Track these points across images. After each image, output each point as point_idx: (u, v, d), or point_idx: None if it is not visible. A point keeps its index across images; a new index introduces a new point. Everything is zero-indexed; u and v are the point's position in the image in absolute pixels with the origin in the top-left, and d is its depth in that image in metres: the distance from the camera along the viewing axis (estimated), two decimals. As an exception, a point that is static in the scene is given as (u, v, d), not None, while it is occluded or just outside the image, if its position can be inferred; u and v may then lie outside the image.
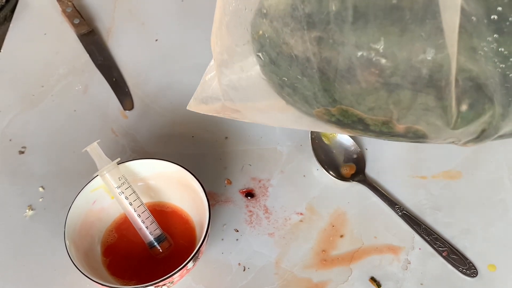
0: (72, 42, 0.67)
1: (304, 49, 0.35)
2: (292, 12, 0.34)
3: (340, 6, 0.32)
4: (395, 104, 0.36)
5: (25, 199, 0.53)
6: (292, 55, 0.36)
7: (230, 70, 0.41)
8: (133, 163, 0.48)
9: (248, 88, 0.40)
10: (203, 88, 0.44)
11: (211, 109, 0.44)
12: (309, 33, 0.34)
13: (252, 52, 0.38)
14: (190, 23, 0.69)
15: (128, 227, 0.48)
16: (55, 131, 0.58)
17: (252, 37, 0.38)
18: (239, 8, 0.38)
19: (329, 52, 0.34)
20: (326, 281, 0.47)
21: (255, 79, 0.40)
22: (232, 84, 0.41)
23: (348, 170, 0.54)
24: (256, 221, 0.51)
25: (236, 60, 0.40)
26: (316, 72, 0.36)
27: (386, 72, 0.34)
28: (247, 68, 0.40)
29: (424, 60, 0.32)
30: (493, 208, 0.51)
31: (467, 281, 0.46)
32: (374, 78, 0.34)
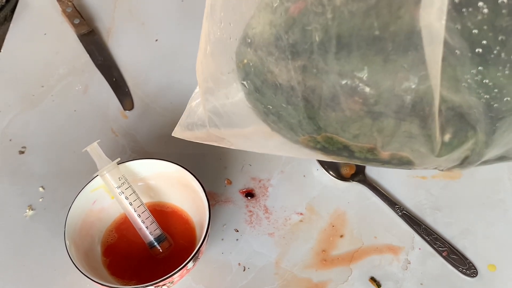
0: (72, 42, 0.67)
1: (289, 77, 0.35)
2: (276, 41, 0.35)
3: (323, 37, 0.33)
4: (379, 132, 0.36)
5: (25, 199, 0.53)
6: (277, 84, 0.36)
7: (215, 97, 0.41)
8: (133, 163, 0.48)
9: (233, 114, 0.41)
10: (188, 114, 0.45)
11: (196, 136, 0.44)
12: (293, 62, 0.35)
13: (237, 80, 0.39)
14: (190, 23, 0.69)
15: (128, 227, 0.48)
16: (55, 131, 0.58)
17: (237, 66, 0.39)
18: (224, 37, 0.38)
19: (313, 81, 0.35)
20: (326, 281, 0.47)
21: (240, 106, 0.40)
22: (217, 110, 0.41)
23: (348, 170, 0.54)
24: (256, 221, 0.51)
25: (221, 88, 0.40)
26: (301, 101, 0.36)
27: (369, 100, 0.34)
28: (232, 95, 0.40)
29: (407, 90, 0.33)
30: (493, 208, 0.51)
31: (467, 281, 0.46)
32: (358, 106, 0.35)
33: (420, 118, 0.34)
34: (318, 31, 0.33)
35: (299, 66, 0.34)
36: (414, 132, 0.35)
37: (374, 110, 0.34)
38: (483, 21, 0.29)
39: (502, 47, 0.30)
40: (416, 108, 0.34)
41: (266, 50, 0.36)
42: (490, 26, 0.29)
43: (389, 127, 0.36)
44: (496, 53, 0.30)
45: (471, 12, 0.29)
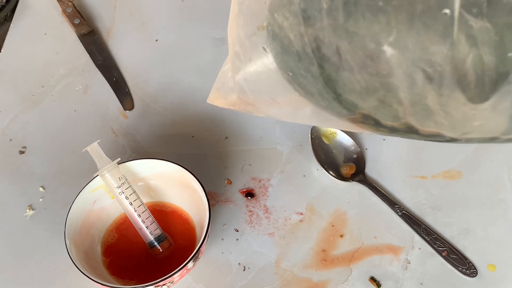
0: (72, 42, 0.67)
1: (303, 44, 0.34)
2: (289, 6, 0.34)
3: (330, 4, 0.32)
4: (398, 103, 0.34)
5: (25, 199, 0.53)
6: (294, 50, 0.35)
7: (241, 62, 0.40)
8: (133, 163, 0.48)
9: (259, 80, 0.39)
10: (220, 79, 0.43)
11: (228, 102, 0.43)
12: (306, 28, 0.34)
13: (260, 44, 0.38)
14: (190, 23, 0.69)
15: (128, 227, 0.48)
16: (56, 131, 0.58)
17: (258, 29, 0.37)
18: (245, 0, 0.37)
19: (327, 48, 0.34)
20: (326, 281, 0.47)
21: (265, 72, 0.39)
22: (245, 76, 0.40)
23: (348, 170, 0.54)
24: (256, 221, 0.51)
25: (246, 52, 0.39)
26: (317, 68, 0.35)
27: (384, 70, 0.33)
28: (256, 60, 0.39)
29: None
30: (493, 208, 0.51)
31: (467, 281, 0.46)
32: (374, 77, 0.33)
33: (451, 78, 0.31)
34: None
35: (312, 33, 0.33)
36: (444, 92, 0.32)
37: (389, 81, 0.33)
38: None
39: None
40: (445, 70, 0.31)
41: (282, 14, 0.34)
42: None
43: (408, 95, 0.33)
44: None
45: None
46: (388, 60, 0.32)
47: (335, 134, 0.55)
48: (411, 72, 0.32)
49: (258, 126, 0.58)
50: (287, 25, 0.35)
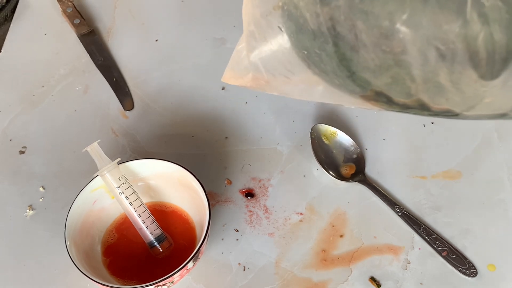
0: (72, 42, 0.67)
1: (319, 23, 0.35)
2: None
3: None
4: (412, 79, 0.35)
5: (25, 199, 0.53)
6: (309, 29, 0.36)
7: (257, 42, 0.40)
8: (133, 163, 0.48)
9: (275, 59, 0.40)
10: (234, 58, 0.44)
11: (242, 81, 0.43)
12: (322, 7, 0.34)
13: (275, 24, 0.38)
14: (190, 23, 0.69)
15: (128, 227, 0.48)
16: (56, 131, 0.58)
17: (273, 8, 0.38)
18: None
19: (342, 27, 0.34)
20: (326, 281, 0.47)
21: (281, 50, 0.39)
22: (260, 55, 0.40)
23: (348, 170, 0.54)
24: (256, 221, 0.51)
25: (262, 31, 0.39)
26: (332, 46, 0.36)
27: (398, 48, 0.33)
28: (272, 39, 0.39)
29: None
30: (493, 208, 0.51)
31: (466, 281, 0.46)
32: (388, 54, 0.34)
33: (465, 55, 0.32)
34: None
35: (327, 12, 0.34)
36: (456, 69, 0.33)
37: (402, 58, 0.34)
38: None
39: None
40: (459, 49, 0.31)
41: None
42: None
43: (421, 73, 0.34)
44: None
45: None
46: (402, 38, 0.32)
47: (335, 134, 0.55)
48: (425, 49, 0.32)
49: (258, 126, 0.58)
50: (303, 4, 0.35)
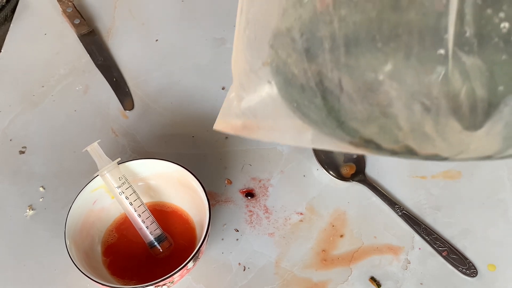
0: (72, 42, 0.67)
1: (307, 79, 0.36)
2: (292, 44, 0.36)
3: (332, 45, 0.34)
4: (398, 128, 0.37)
5: (25, 199, 0.53)
6: (298, 84, 0.37)
7: (247, 93, 0.42)
8: (133, 163, 0.48)
9: (263, 109, 0.41)
10: (225, 107, 0.45)
11: (233, 129, 0.45)
12: (309, 65, 0.36)
13: (265, 78, 0.40)
14: (190, 23, 0.69)
15: (128, 227, 0.48)
16: (56, 131, 0.58)
17: (263, 64, 0.40)
18: (251, 36, 0.39)
19: (329, 83, 0.36)
20: (326, 281, 0.47)
21: (270, 102, 0.41)
22: (249, 105, 0.42)
23: (348, 170, 0.54)
24: (256, 221, 0.51)
25: (251, 84, 0.41)
26: (321, 100, 0.37)
27: (385, 100, 0.35)
28: (262, 91, 0.41)
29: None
30: (493, 208, 0.51)
31: (467, 281, 0.46)
32: (375, 107, 0.36)
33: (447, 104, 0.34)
34: (328, 39, 0.34)
35: (315, 69, 0.36)
36: (441, 120, 0.35)
37: (389, 110, 0.35)
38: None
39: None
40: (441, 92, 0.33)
41: (285, 51, 0.37)
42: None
43: (408, 123, 0.36)
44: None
45: None
46: (388, 93, 0.34)
47: (335, 134, 0.55)
48: (410, 103, 0.34)
49: (258, 126, 0.58)
50: (291, 61, 0.37)
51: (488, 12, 0.30)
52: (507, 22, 0.30)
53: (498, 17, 0.30)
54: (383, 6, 0.31)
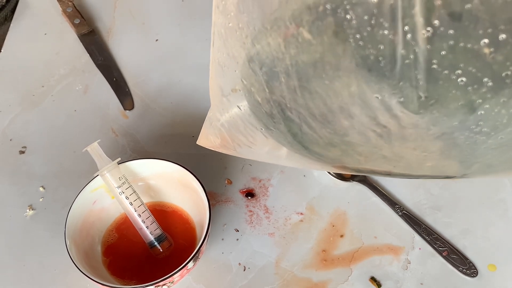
0: (72, 42, 0.67)
1: (270, 108, 0.39)
2: (254, 76, 0.38)
3: (287, 79, 0.36)
4: (358, 154, 0.39)
5: (25, 199, 0.53)
6: (263, 111, 0.40)
7: (221, 114, 0.44)
8: (133, 163, 0.48)
9: (236, 129, 0.44)
10: (206, 124, 0.48)
11: (213, 146, 0.47)
12: (270, 95, 0.38)
13: (234, 103, 0.42)
14: (190, 23, 0.69)
15: (128, 227, 0.48)
16: (56, 131, 0.58)
17: (232, 91, 0.42)
18: (221, 64, 0.42)
19: (289, 112, 0.38)
20: (326, 281, 0.47)
21: (241, 123, 0.43)
22: (224, 125, 0.44)
23: (348, 170, 0.54)
24: (256, 221, 0.51)
25: (225, 108, 0.43)
26: (284, 127, 0.39)
27: (341, 130, 0.37)
28: (234, 114, 0.43)
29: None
30: (493, 208, 0.51)
31: (467, 281, 0.46)
32: (332, 136, 0.38)
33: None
34: (283, 73, 0.35)
35: (276, 99, 0.37)
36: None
37: (346, 139, 0.38)
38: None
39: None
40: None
41: (249, 81, 0.39)
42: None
43: (366, 148, 0.38)
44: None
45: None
46: (342, 123, 0.36)
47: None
48: (363, 131, 0.36)
49: (258, 126, 0.58)
50: (254, 90, 0.39)
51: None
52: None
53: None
54: (324, 50, 0.33)
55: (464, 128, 0.33)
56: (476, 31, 0.28)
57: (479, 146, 0.34)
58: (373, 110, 0.34)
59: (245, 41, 0.37)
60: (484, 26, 0.28)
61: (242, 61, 0.39)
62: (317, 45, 0.33)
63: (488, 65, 0.29)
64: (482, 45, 0.29)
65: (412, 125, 0.34)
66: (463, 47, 0.29)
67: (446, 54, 0.29)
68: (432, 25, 0.29)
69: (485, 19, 0.28)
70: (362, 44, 0.31)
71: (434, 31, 0.29)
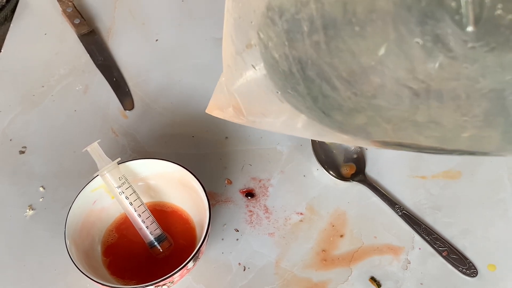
0: (72, 42, 0.67)
1: (288, 64, 0.35)
2: (273, 26, 0.34)
3: (311, 27, 0.32)
4: (387, 121, 0.34)
5: (25, 199, 0.53)
6: (280, 70, 0.36)
7: (234, 77, 0.40)
8: (133, 163, 0.48)
9: (251, 94, 0.40)
10: (217, 90, 0.44)
11: (224, 114, 0.43)
12: (290, 49, 0.34)
13: (249, 62, 0.38)
14: (190, 23, 0.69)
15: (128, 227, 0.48)
16: (56, 131, 0.58)
17: (246, 47, 0.38)
18: (235, 16, 0.37)
19: (311, 70, 0.34)
20: (326, 281, 0.47)
21: (255, 87, 0.39)
22: (238, 90, 0.40)
23: (348, 170, 0.54)
24: (256, 221, 0.51)
25: (238, 68, 0.39)
26: (304, 88, 0.35)
27: (370, 89, 0.33)
28: (248, 76, 0.39)
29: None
30: (493, 208, 0.51)
31: (467, 281, 0.46)
32: (357, 97, 0.34)
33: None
34: (306, 21, 0.31)
35: (296, 54, 0.34)
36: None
37: (374, 101, 0.33)
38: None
39: None
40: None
41: (267, 33, 0.35)
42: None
43: (397, 112, 0.33)
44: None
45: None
46: (372, 82, 0.32)
47: (335, 134, 0.55)
48: (397, 90, 0.32)
49: (258, 126, 0.58)
50: (272, 45, 0.35)
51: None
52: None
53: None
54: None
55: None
56: None
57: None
58: (412, 59, 0.29)
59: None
60: None
61: (260, 9, 0.34)
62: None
63: None
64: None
65: (458, 75, 0.29)
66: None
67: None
68: None
69: None
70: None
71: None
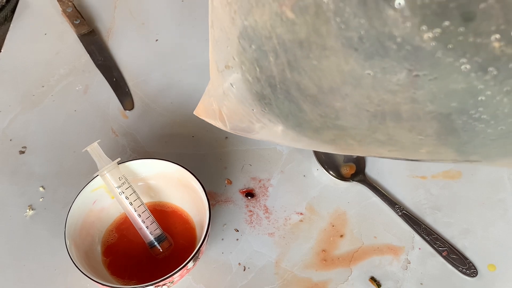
0: (72, 42, 0.67)
1: (261, 87, 0.37)
2: (244, 53, 0.37)
3: (276, 59, 0.34)
4: (352, 138, 0.38)
5: (25, 199, 0.53)
6: (254, 91, 0.38)
7: (216, 90, 0.43)
8: (133, 163, 0.48)
9: (232, 107, 0.42)
10: (205, 96, 0.46)
11: (211, 119, 0.45)
12: (261, 75, 0.36)
13: (228, 80, 0.41)
14: (190, 23, 0.69)
15: (128, 227, 0.48)
16: (56, 131, 0.58)
17: (225, 67, 0.40)
18: (215, 38, 0.40)
19: (280, 94, 0.36)
20: (326, 281, 0.47)
21: (234, 103, 0.42)
22: (219, 101, 0.43)
23: (348, 170, 0.54)
24: (256, 221, 0.51)
25: (219, 84, 0.42)
26: (276, 108, 0.38)
27: (333, 112, 0.36)
28: (227, 91, 0.42)
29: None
30: (493, 208, 0.51)
31: (467, 281, 0.46)
32: (323, 119, 0.36)
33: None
34: (271, 52, 0.34)
35: (266, 79, 0.36)
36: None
37: (338, 122, 0.36)
38: None
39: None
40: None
41: (239, 59, 0.37)
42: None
43: (359, 131, 0.37)
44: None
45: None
46: (334, 105, 0.35)
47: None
48: (356, 113, 0.34)
49: (258, 126, 0.58)
50: (245, 68, 0.37)
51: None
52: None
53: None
54: (308, 30, 0.32)
55: (463, 111, 0.32)
56: (488, 27, 0.27)
57: (477, 134, 0.33)
58: (365, 87, 0.32)
59: (234, 17, 0.36)
60: (497, 22, 0.27)
61: (233, 37, 0.37)
62: (301, 24, 0.32)
63: (497, 57, 0.28)
64: (492, 40, 0.27)
65: (408, 100, 0.32)
66: (473, 42, 0.28)
67: (452, 47, 0.28)
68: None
69: (498, 15, 0.26)
70: (343, 27, 0.30)
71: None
